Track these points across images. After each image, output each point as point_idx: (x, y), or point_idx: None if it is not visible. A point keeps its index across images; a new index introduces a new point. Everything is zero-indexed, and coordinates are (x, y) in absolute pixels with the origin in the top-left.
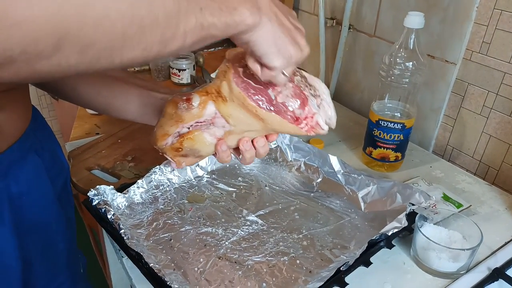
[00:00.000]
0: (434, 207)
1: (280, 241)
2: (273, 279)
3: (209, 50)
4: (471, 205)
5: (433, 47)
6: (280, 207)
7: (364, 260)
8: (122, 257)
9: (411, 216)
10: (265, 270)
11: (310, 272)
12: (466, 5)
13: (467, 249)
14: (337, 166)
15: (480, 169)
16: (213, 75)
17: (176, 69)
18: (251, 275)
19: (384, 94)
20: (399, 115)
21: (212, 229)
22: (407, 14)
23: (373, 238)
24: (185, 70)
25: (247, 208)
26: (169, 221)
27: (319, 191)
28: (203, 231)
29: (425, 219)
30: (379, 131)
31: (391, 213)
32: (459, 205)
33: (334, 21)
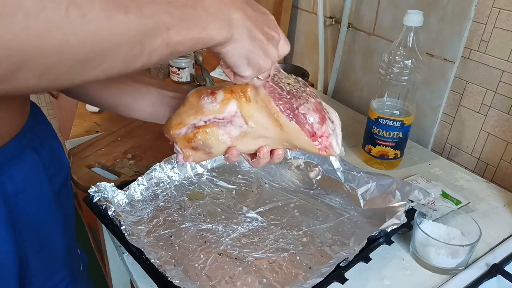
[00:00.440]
0: (433, 204)
1: (280, 237)
2: (273, 275)
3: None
4: (469, 202)
5: (432, 45)
6: (280, 204)
7: (363, 256)
8: (123, 253)
9: (410, 213)
10: (265, 266)
11: (310, 268)
12: (464, 4)
13: (465, 245)
14: (336, 164)
15: (479, 166)
16: (212, 73)
17: (176, 67)
18: (251, 271)
19: (383, 92)
20: (398, 113)
21: (212, 226)
22: (406, 12)
23: (373, 234)
24: (184, 68)
25: (247, 205)
26: (170, 218)
27: (319, 188)
28: (203, 227)
29: (424, 215)
30: (378, 129)
31: (390, 210)
32: (457, 202)
33: (333, 19)
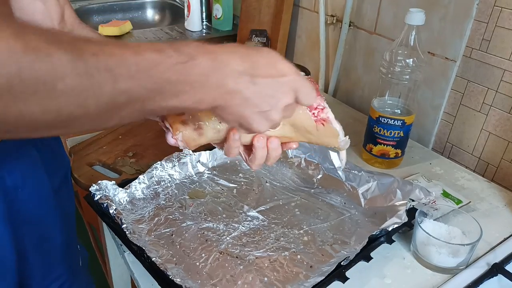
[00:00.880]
0: (434, 203)
1: (281, 236)
2: (274, 273)
3: None
4: (470, 202)
5: (433, 44)
6: (280, 203)
7: (364, 255)
8: (124, 252)
9: (411, 212)
10: (266, 265)
11: (311, 267)
12: (466, 3)
13: (466, 245)
14: (337, 163)
15: (480, 166)
16: None
17: None
18: (252, 270)
19: (384, 91)
20: (399, 112)
21: (213, 225)
22: (407, 11)
23: (374, 233)
24: None
25: (248, 204)
26: (171, 217)
27: (320, 187)
28: (204, 226)
29: (425, 215)
30: (379, 128)
31: (391, 209)
32: (458, 201)
33: (335, 18)
